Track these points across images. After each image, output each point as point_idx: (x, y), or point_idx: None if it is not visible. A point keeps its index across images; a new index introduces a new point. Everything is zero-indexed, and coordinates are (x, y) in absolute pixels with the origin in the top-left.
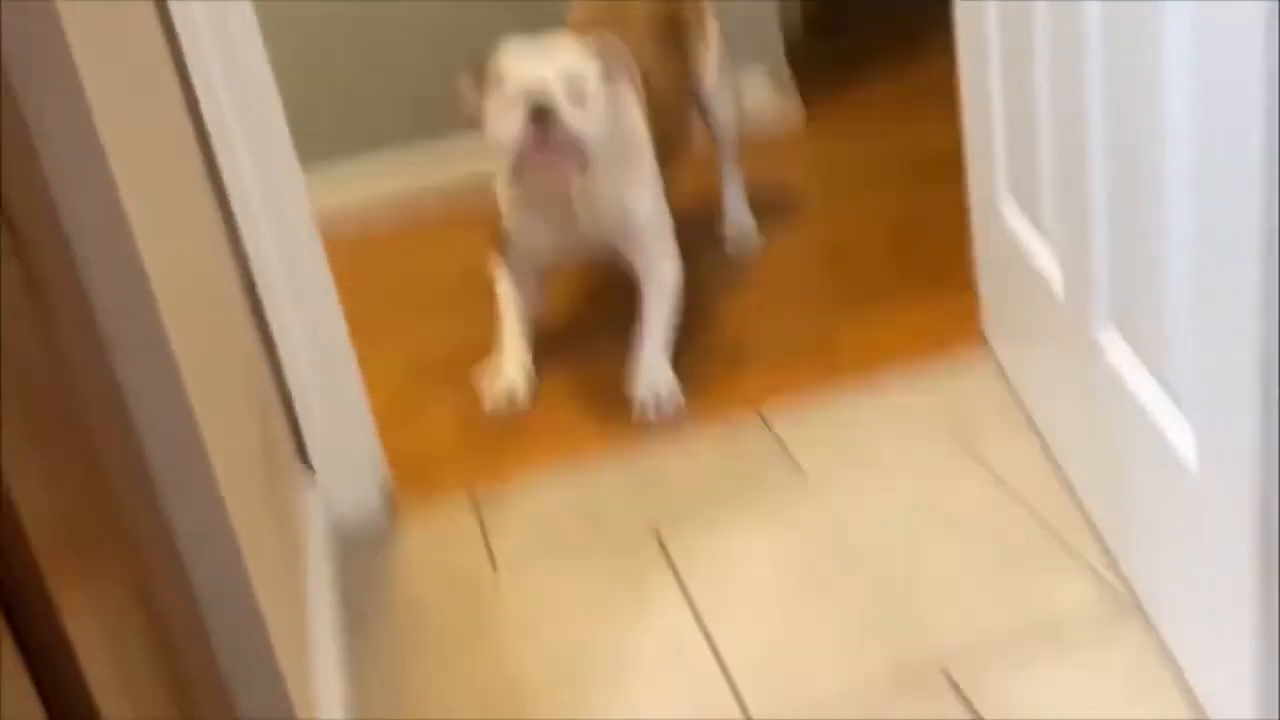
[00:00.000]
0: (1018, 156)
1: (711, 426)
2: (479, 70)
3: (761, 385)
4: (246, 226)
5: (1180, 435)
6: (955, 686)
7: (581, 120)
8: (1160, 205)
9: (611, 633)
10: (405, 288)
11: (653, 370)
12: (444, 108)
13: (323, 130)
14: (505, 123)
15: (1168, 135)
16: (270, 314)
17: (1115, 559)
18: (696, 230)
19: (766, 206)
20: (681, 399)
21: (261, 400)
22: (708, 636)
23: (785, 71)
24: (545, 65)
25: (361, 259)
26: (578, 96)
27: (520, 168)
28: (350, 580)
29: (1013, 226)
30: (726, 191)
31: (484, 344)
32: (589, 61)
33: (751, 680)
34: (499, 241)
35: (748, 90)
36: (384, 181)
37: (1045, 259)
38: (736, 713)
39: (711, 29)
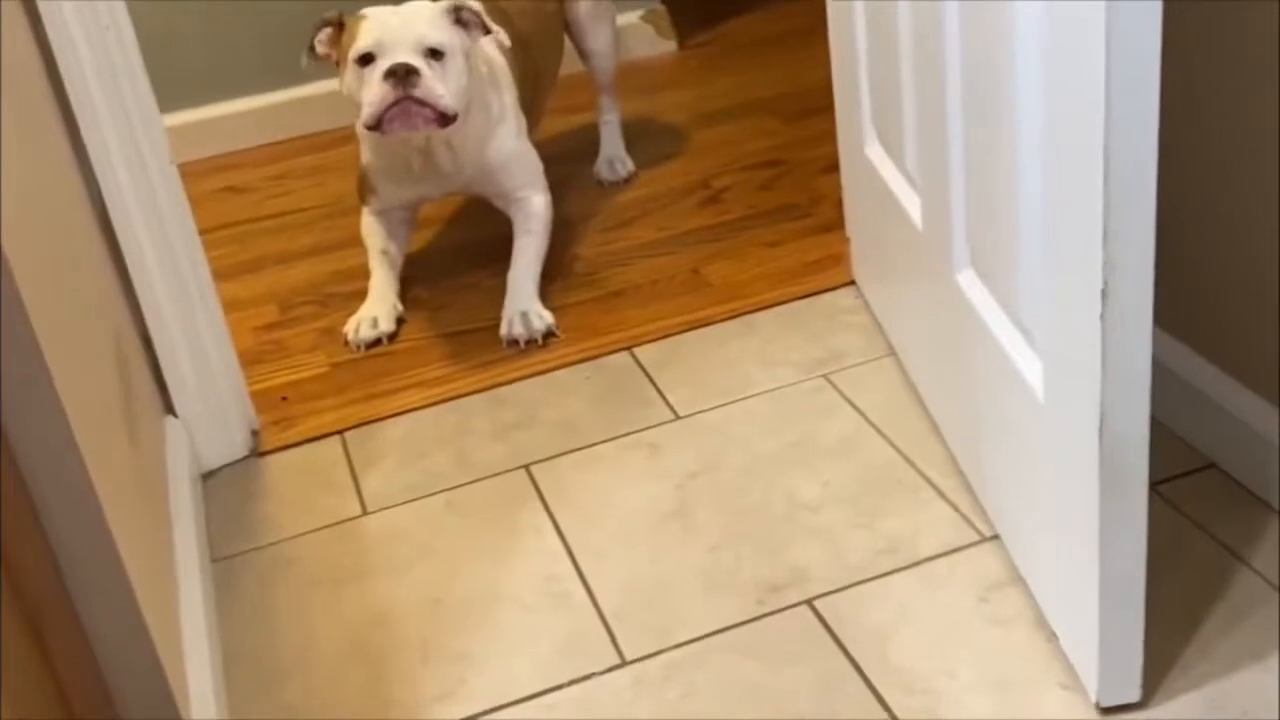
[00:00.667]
0: (881, 100)
1: (582, 362)
2: (336, 25)
3: (632, 319)
4: (103, 171)
5: (1030, 368)
6: (819, 615)
7: (440, 78)
8: (1012, 151)
9: (484, 570)
10: (271, 230)
11: (521, 298)
12: (298, 59)
13: (188, 74)
14: (364, 83)
15: (1019, 82)
16: (130, 259)
17: (973, 489)
18: (571, 164)
19: (641, 142)
20: (552, 322)
21: (121, 347)
22: (580, 572)
23: (661, 10)
24: (403, 26)
25: (226, 203)
26: (435, 54)
27: (379, 127)
28: (217, 525)
29: (878, 169)
30: (602, 125)
31: (350, 282)
32: (447, 23)
33: (623, 615)
34: (362, 190)
35: (625, 28)
36: (249, 126)
37: (908, 201)
38: (609, 648)
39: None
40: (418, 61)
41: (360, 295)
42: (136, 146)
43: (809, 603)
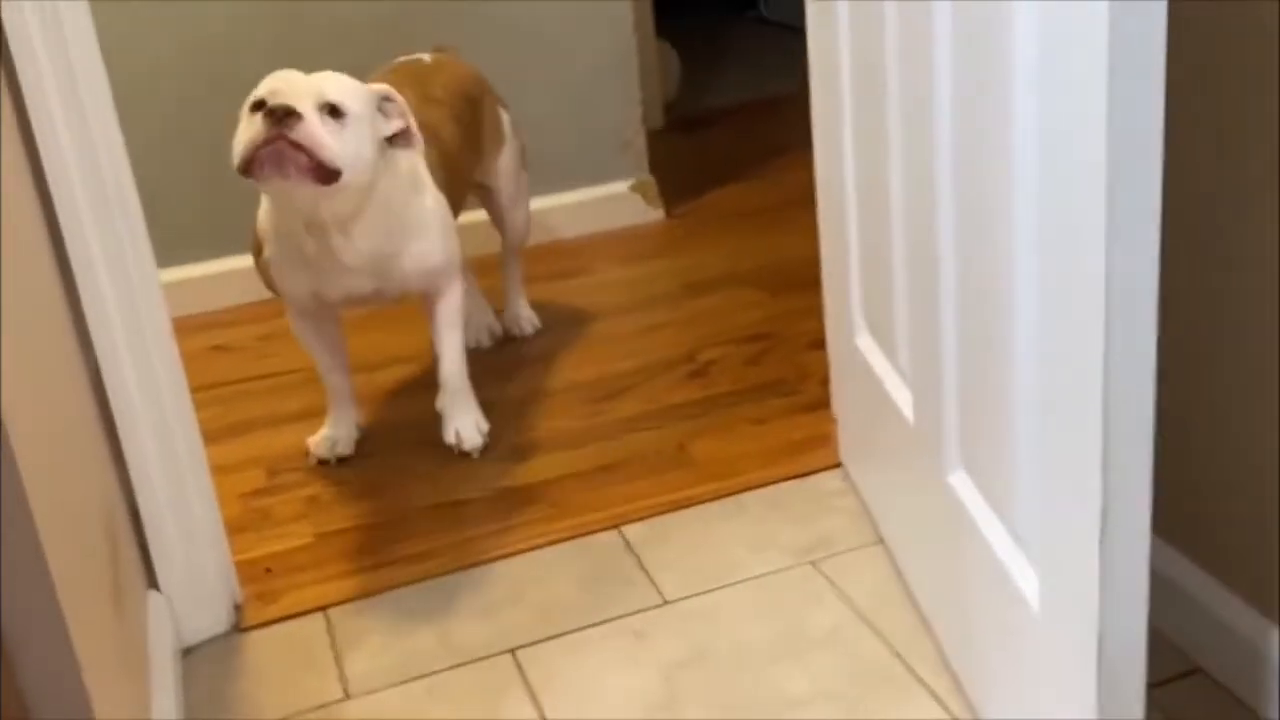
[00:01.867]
0: (873, 293)
1: (569, 539)
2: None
3: (619, 496)
4: (99, 334)
5: (1024, 577)
6: None
7: (329, 134)
8: (1007, 356)
9: None
10: (259, 391)
11: (459, 405)
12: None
13: (178, 230)
14: (246, 128)
15: (1016, 282)
16: (121, 425)
17: (961, 688)
18: (557, 331)
19: (631, 311)
20: (487, 430)
21: (112, 519)
22: None
23: (650, 180)
24: (304, 80)
25: (214, 362)
26: (333, 113)
27: (249, 171)
28: (196, 702)
29: (868, 359)
30: (509, 283)
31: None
32: (359, 93)
33: None
34: (259, 266)
35: (615, 197)
36: (239, 283)
37: (899, 395)
38: None
39: (509, 134)
40: (304, 107)
41: (357, 460)
42: (134, 308)
43: None
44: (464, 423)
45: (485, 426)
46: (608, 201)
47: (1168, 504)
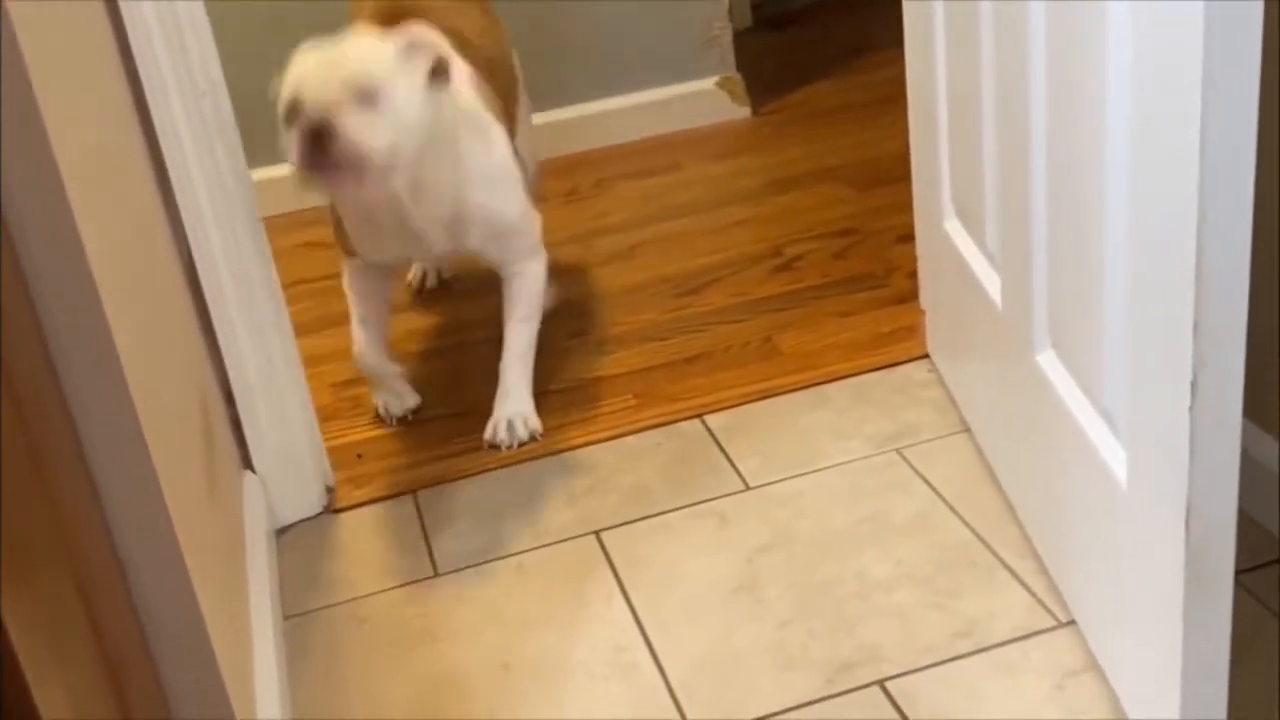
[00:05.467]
0: (962, 178)
1: (654, 428)
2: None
3: (704, 387)
4: (193, 227)
5: (1113, 455)
6: (890, 697)
7: (369, 129)
8: (1098, 232)
9: (553, 638)
10: None
11: (511, 400)
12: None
13: (273, 130)
14: (287, 138)
15: (1106, 162)
16: (215, 314)
17: (1049, 572)
18: (636, 229)
19: (715, 207)
20: (538, 428)
21: (204, 401)
22: (648, 643)
23: (736, 77)
24: (325, 75)
25: (306, 258)
26: (368, 99)
27: (304, 186)
28: (291, 582)
29: (957, 245)
30: None
31: (427, 339)
32: (386, 60)
33: (690, 688)
34: (339, 238)
35: (700, 94)
36: None
37: (988, 279)
38: None
39: (524, 97)
40: (338, 112)
41: (440, 352)
42: (227, 204)
43: (880, 684)
44: (506, 415)
45: (534, 424)
46: (694, 99)
47: (1264, 388)
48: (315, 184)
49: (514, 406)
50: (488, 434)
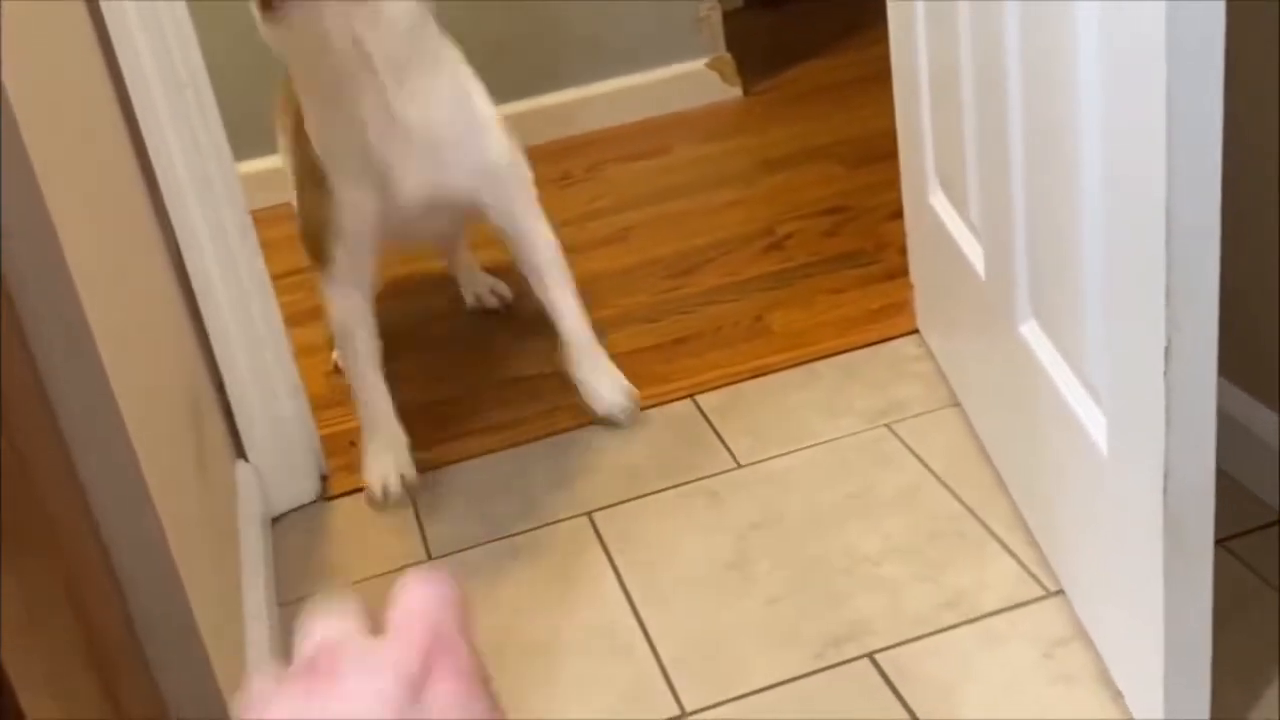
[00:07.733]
0: (945, 150)
1: (645, 409)
2: None
3: (695, 367)
4: (179, 218)
5: (1095, 423)
6: (880, 669)
7: None
8: (1074, 201)
9: (545, 617)
10: None
11: (602, 374)
12: None
13: (262, 122)
14: None
15: (1080, 130)
16: (204, 305)
17: (1036, 542)
18: (625, 212)
19: (706, 188)
20: (636, 395)
21: (195, 392)
22: (641, 622)
23: (727, 57)
24: None
25: (296, 249)
26: None
27: (270, 5)
28: (285, 569)
29: (942, 218)
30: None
31: (418, 329)
32: None
33: (683, 665)
34: (316, 245)
35: (691, 74)
36: None
37: (972, 251)
38: (669, 699)
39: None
40: None
41: (435, 343)
42: (212, 194)
43: (870, 656)
44: (610, 389)
45: (632, 390)
46: (684, 80)
47: (1257, 356)
48: (276, 16)
49: (608, 375)
50: (601, 410)
